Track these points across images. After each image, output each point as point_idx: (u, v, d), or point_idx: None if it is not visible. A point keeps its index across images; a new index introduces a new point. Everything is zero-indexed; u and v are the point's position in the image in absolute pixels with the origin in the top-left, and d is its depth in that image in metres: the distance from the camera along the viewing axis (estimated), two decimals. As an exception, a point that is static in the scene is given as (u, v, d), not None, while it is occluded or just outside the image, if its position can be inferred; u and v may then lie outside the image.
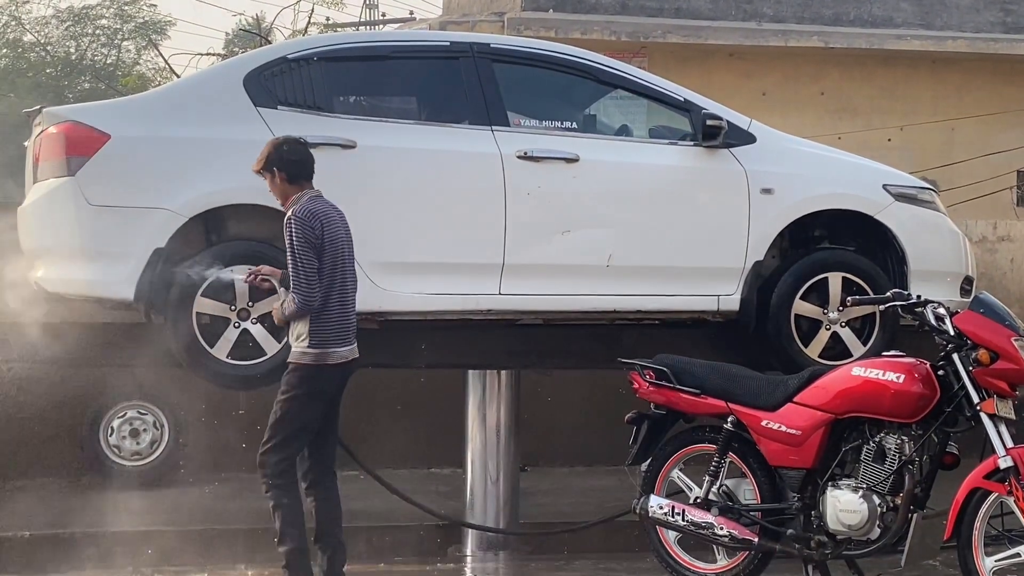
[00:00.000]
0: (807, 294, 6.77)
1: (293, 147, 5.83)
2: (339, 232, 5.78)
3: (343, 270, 5.78)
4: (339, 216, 5.82)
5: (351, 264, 5.84)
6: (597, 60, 6.94)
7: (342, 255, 5.77)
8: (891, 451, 5.46)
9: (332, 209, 5.81)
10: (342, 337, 5.79)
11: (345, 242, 5.80)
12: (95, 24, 33.36)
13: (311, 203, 5.75)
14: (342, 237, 5.79)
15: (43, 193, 6.39)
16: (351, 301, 5.84)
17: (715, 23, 16.85)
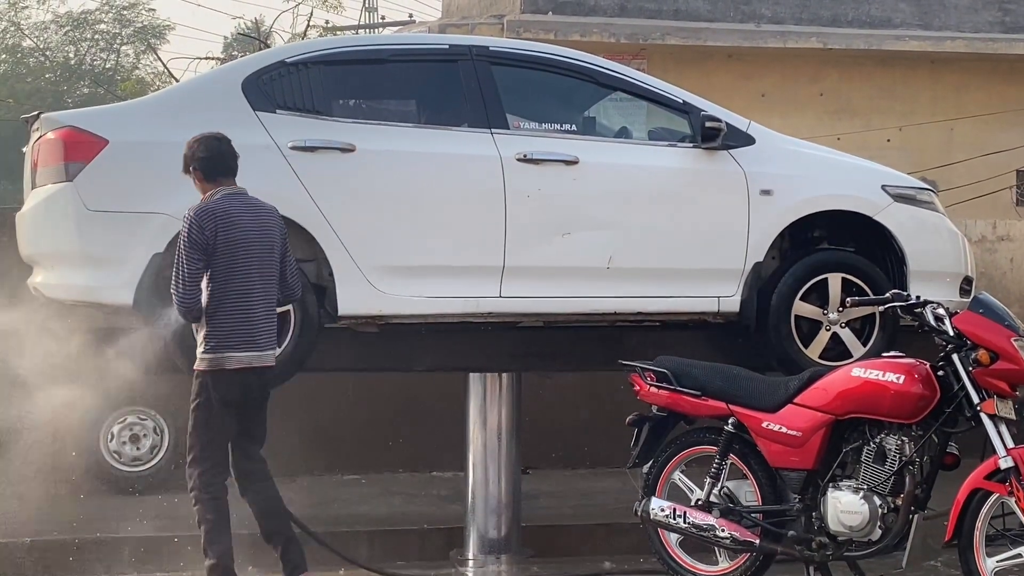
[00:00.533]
0: (807, 295, 6.77)
1: (206, 143, 5.71)
2: (240, 233, 5.59)
3: (244, 272, 5.59)
4: (250, 216, 5.64)
5: (261, 266, 5.63)
6: (596, 62, 6.95)
7: (243, 256, 5.58)
8: (892, 452, 5.46)
9: (242, 208, 5.63)
10: (241, 342, 5.60)
11: (250, 243, 5.60)
12: (94, 29, 33.39)
13: (214, 202, 5.61)
14: (245, 238, 5.59)
15: (41, 199, 6.39)
16: (258, 305, 5.63)
17: (714, 25, 16.87)
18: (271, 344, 5.75)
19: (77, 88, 32.72)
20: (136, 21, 33.62)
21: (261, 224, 5.69)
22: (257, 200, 5.77)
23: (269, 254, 5.69)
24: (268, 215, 5.76)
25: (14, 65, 32.38)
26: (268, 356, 5.73)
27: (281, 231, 5.81)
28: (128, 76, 32.50)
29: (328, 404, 9.35)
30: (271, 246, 5.70)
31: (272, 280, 5.72)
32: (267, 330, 5.71)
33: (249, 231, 5.64)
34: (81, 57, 33.54)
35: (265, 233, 5.69)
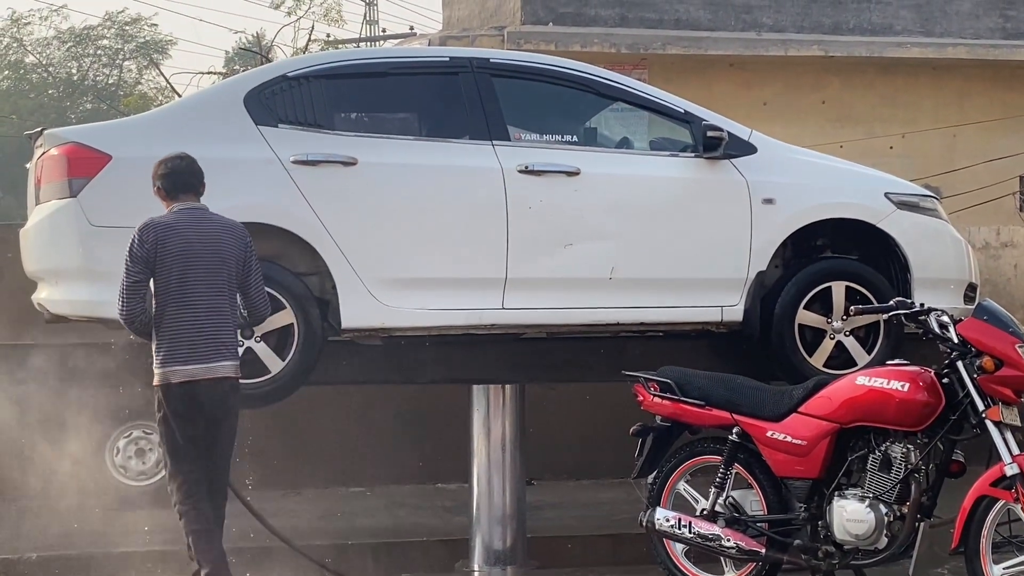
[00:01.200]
0: (811, 303, 6.76)
1: (168, 163, 5.74)
2: (183, 245, 5.58)
3: (186, 285, 5.57)
4: (199, 229, 5.63)
5: (208, 279, 5.60)
6: (597, 73, 6.95)
7: (185, 269, 5.56)
8: (897, 460, 5.45)
9: (192, 222, 5.63)
10: (185, 355, 5.57)
11: (193, 255, 5.58)
12: (96, 45, 33.51)
13: (164, 216, 5.65)
14: (188, 250, 5.58)
15: (45, 215, 6.40)
16: (203, 317, 5.59)
17: (715, 34, 16.89)
18: (222, 356, 5.63)
19: (80, 104, 32.82)
20: (138, 37, 33.74)
21: (212, 238, 5.64)
22: (217, 216, 5.74)
23: (218, 267, 5.62)
24: (224, 229, 5.69)
25: (17, 81, 32.50)
26: (218, 368, 5.62)
27: (243, 247, 5.72)
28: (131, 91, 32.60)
29: (332, 417, 9.34)
30: (221, 259, 5.63)
31: (222, 293, 5.65)
32: (215, 342, 5.62)
33: (193, 243, 5.60)
34: (84, 73, 33.64)
35: (213, 246, 5.63)
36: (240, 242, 5.74)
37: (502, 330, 6.71)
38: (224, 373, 5.65)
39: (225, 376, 5.65)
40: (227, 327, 5.70)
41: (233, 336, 5.74)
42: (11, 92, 31.76)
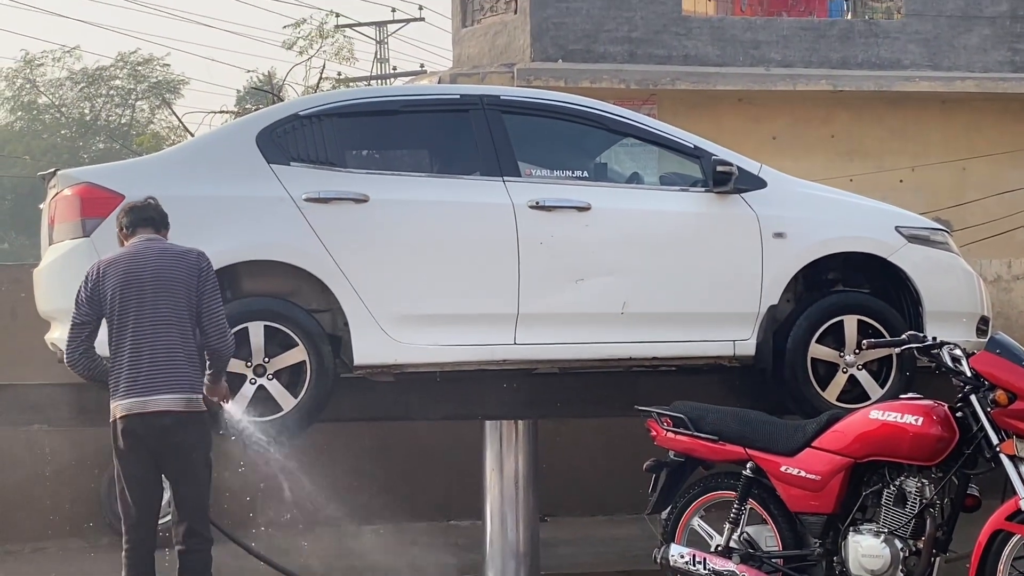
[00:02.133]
0: (823, 337, 6.75)
1: (129, 204, 5.70)
2: (122, 278, 5.43)
3: (129, 317, 5.40)
4: (146, 258, 5.47)
5: (152, 309, 5.40)
6: (606, 109, 6.98)
7: (125, 302, 5.41)
8: (912, 495, 5.42)
9: (139, 253, 5.49)
10: (125, 388, 5.39)
11: (133, 287, 5.41)
12: (109, 85, 33.73)
13: (112, 253, 5.57)
14: (128, 283, 5.42)
15: (59, 255, 6.43)
16: (142, 349, 5.38)
17: (723, 69, 16.95)
18: (168, 389, 5.39)
19: (93, 144, 33.00)
20: (151, 77, 33.95)
21: (156, 267, 5.46)
22: (169, 245, 5.60)
23: (163, 297, 5.42)
24: (173, 257, 5.51)
25: (30, 122, 32.70)
26: (155, 402, 5.38)
27: (194, 275, 5.49)
28: (143, 131, 32.78)
29: (344, 454, 9.33)
30: (166, 289, 5.43)
31: (167, 324, 5.42)
32: (156, 375, 5.38)
33: (135, 274, 5.44)
34: (96, 113, 33.84)
35: (157, 276, 5.44)
36: (191, 270, 5.50)
37: (514, 365, 6.71)
38: (163, 407, 5.37)
39: (165, 410, 5.38)
40: (173, 359, 5.42)
41: (182, 368, 5.44)
42: (24, 133, 31.95)
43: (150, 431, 5.41)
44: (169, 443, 5.44)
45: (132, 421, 5.42)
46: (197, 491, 5.56)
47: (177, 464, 5.50)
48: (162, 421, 5.40)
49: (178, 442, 5.45)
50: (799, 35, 17.51)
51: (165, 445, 5.44)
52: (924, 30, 17.49)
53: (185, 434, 5.47)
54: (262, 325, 6.21)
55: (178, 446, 5.46)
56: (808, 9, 18.67)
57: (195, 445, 5.52)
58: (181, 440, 5.46)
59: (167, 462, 5.49)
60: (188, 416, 5.46)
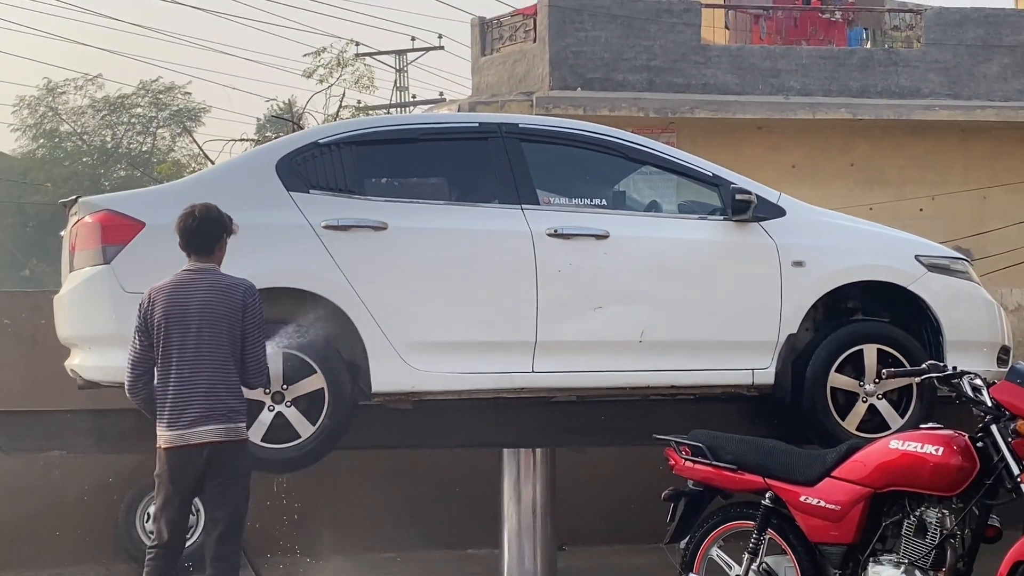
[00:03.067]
0: (842, 366, 6.73)
1: (179, 222, 5.71)
2: (171, 308, 5.53)
3: (174, 349, 5.51)
4: (193, 290, 5.55)
5: (194, 343, 5.51)
6: (625, 137, 6.99)
7: (171, 332, 5.52)
8: (932, 525, 5.37)
9: (187, 283, 5.57)
10: (165, 420, 5.54)
11: (180, 319, 5.51)
12: (131, 113, 33.93)
13: (166, 280, 5.63)
14: (175, 313, 5.52)
15: (79, 282, 6.46)
16: (184, 381, 5.51)
17: (742, 97, 16.98)
18: (208, 421, 5.51)
19: (114, 171, 33.18)
20: (172, 104, 34.15)
21: (203, 299, 5.54)
22: (219, 277, 5.64)
23: (206, 330, 5.52)
24: (220, 291, 5.57)
25: (52, 149, 32.92)
26: (202, 433, 5.51)
27: (239, 309, 5.57)
28: (164, 158, 32.95)
29: (361, 481, 9.33)
30: (209, 322, 5.52)
31: (211, 356, 5.53)
32: (198, 408, 5.50)
33: (182, 306, 5.53)
34: (118, 140, 34.06)
35: (203, 308, 5.53)
36: (236, 304, 5.58)
37: (532, 394, 6.70)
38: (204, 439, 5.51)
39: (206, 441, 5.51)
40: (214, 391, 5.53)
41: (223, 399, 5.55)
42: (46, 160, 32.16)
43: (192, 463, 5.56)
44: (210, 472, 5.58)
45: (175, 454, 5.56)
46: (231, 517, 5.65)
47: (216, 491, 5.62)
48: (203, 453, 5.54)
49: (218, 471, 5.58)
50: (818, 64, 17.54)
51: (207, 474, 5.58)
52: (944, 59, 17.49)
53: (225, 463, 5.59)
54: (281, 352, 6.23)
55: (218, 474, 5.59)
56: (827, 38, 18.71)
57: (235, 473, 5.64)
58: (220, 469, 5.59)
59: (206, 488, 5.63)
60: (228, 445, 5.58)
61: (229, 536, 5.63)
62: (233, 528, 5.64)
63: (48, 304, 6.96)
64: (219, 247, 5.73)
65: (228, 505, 5.61)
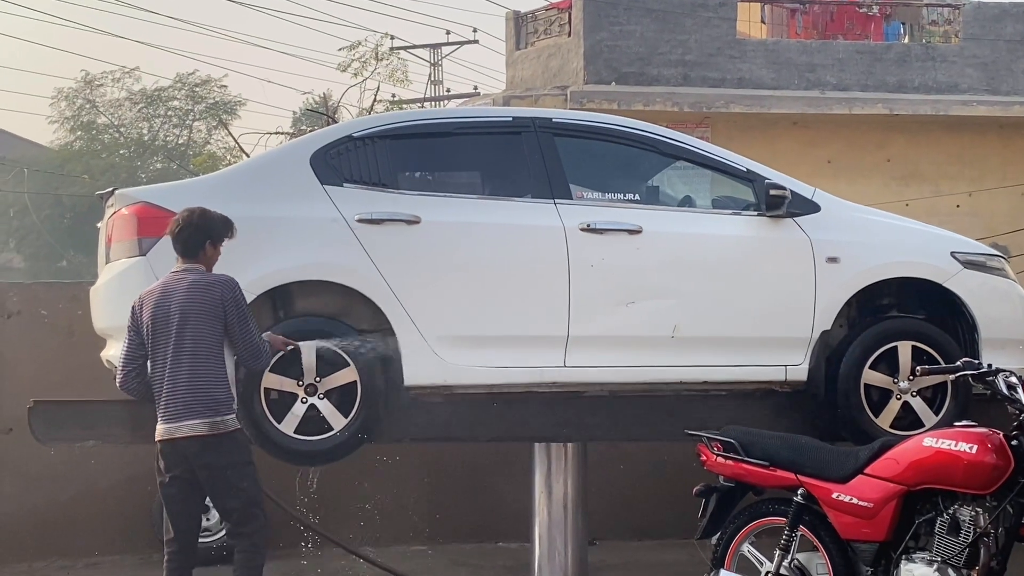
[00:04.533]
0: (877, 363, 6.69)
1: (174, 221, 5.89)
2: (155, 310, 5.74)
3: (157, 345, 5.73)
4: (176, 289, 5.74)
5: (178, 341, 5.69)
6: (658, 132, 6.97)
7: (157, 329, 5.72)
8: (965, 523, 5.34)
9: (172, 283, 5.76)
10: (162, 416, 5.75)
11: (164, 319, 5.71)
12: (167, 106, 34.12)
13: (154, 283, 5.85)
14: (160, 315, 5.72)
15: (115, 273, 6.51)
16: (170, 377, 5.69)
17: (778, 92, 16.89)
18: (192, 415, 5.68)
19: (150, 163, 33.39)
20: (208, 98, 34.32)
21: (187, 297, 5.72)
22: (199, 277, 5.80)
23: (189, 328, 5.69)
24: (202, 288, 5.74)
25: (89, 142, 33.15)
26: (187, 427, 5.68)
27: (222, 306, 5.73)
28: (200, 151, 33.13)
29: (394, 474, 9.36)
30: (190, 321, 5.69)
31: (195, 354, 5.69)
32: (182, 403, 5.68)
33: (166, 307, 5.74)
34: (155, 133, 34.26)
35: (185, 308, 5.71)
36: (216, 300, 5.73)
37: (564, 388, 6.70)
38: (189, 432, 5.68)
39: (191, 435, 5.68)
40: (198, 386, 5.69)
41: (208, 393, 5.70)
42: (84, 152, 32.39)
43: (180, 456, 5.75)
44: (200, 465, 5.74)
45: (165, 447, 5.78)
46: (240, 502, 5.80)
47: (212, 483, 5.78)
48: (190, 446, 5.72)
49: (207, 463, 5.74)
50: (855, 58, 17.43)
51: (197, 467, 5.74)
52: (982, 54, 17.34)
53: (212, 456, 5.74)
54: (314, 345, 6.26)
55: (209, 467, 5.74)
56: (864, 33, 18.59)
57: (226, 464, 5.77)
58: (209, 461, 5.74)
59: (204, 482, 5.79)
60: (214, 439, 5.73)
61: (244, 520, 5.80)
62: (246, 512, 5.81)
63: (85, 295, 7.02)
64: (204, 252, 5.90)
65: (231, 493, 5.78)
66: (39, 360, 9.28)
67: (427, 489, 9.55)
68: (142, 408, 6.89)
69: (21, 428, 7.51)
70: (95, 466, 9.14)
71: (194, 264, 5.85)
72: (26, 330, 9.39)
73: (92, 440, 7.18)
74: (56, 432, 7.02)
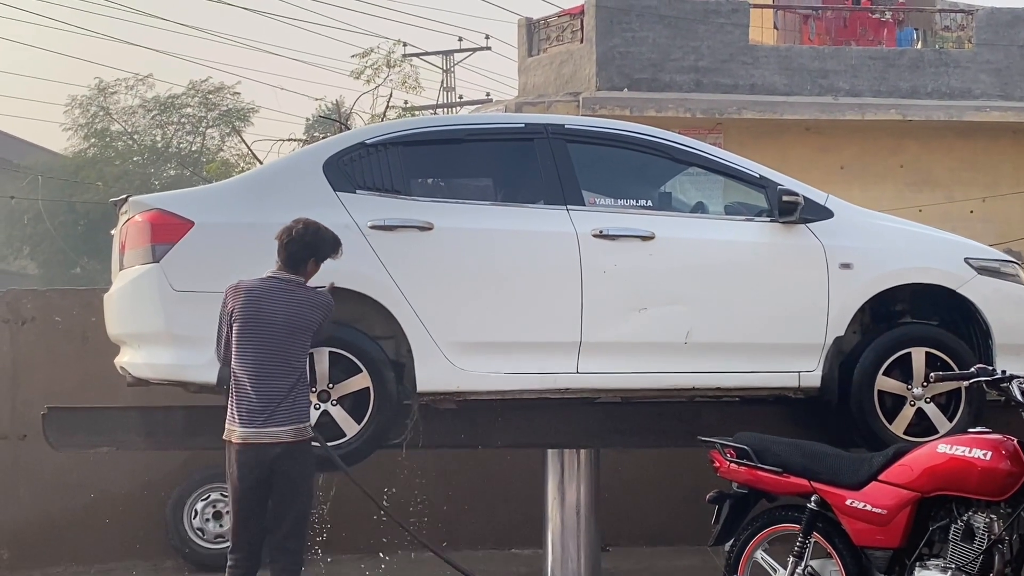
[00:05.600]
0: (890, 370, 6.68)
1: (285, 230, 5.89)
2: (252, 309, 5.71)
3: (244, 348, 5.70)
4: (271, 296, 5.73)
5: (267, 345, 5.69)
6: (671, 138, 6.97)
7: (246, 332, 5.70)
8: (980, 530, 5.32)
9: (267, 289, 5.76)
10: (239, 417, 5.70)
11: (257, 320, 5.69)
12: (181, 113, 34.17)
13: (252, 280, 5.81)
14: (254, 315, 5.70)
15: (129, 280, 6.53)
16: (255, 382, 5.68)
17: (790, 98, 16.88)
18: (280, 421, 5.68)
19: (164, 170, 33.45)
20: (221, 105, 34.38)
21: (281, 305, 5.72)
22: (308, 292, 5.82)
23: (286, 339, 5.70)
24: (298, 303, 5.76)
25: (103, 149, 33.22)
26: (273, 433, 5.68)
27: (318, 325, 5.80)
28: (213, 158, 33.17)
29: (407, 480, 9.36)
30: (290, 332, 5.71)
31: (287, 363, 5.71)
32: (267, 408, 5.68)
33: (267, 312, 5.71)
34: (168, 140, 34.33)
35: (287, 319, 5.71)
36: (317, 320, 5.81)
37: (577, 394, 6.69)
38: (275, 438, 5.68)
39: (274, 441, 5.68)
40: (287, 393, 5.70)
41: (292, 402, 5.72)
42: (97, 159, 32.45)
43: (263, 460, 5.71)
44: (278, 471, 5.72)
45: (247, 450, 5.71)
46: (296, 515, 5.81)
47: (283, 490, 5.76)
48: (274, 451, 5.69)
49: (286, 470, 5.73)
50: (868, 64, 17.41)
51: (275, 472, 5.72)
52: (995, 60, 17.31)
53: (293, 462, 5.75)
54: (327, 351, 6.27)
55: (286, 473, 5.73)
56: (877, 39, 18.56)
57: (302, 473, 5.80)
58: (289, 468, 5.73)
59: (275, 488, 5.76)
60: (297, 445, 5.74)
61: (295, 532, 5.81)
62: (299, 525, 5.83)
63: (98, 302, 7.04)
64: (307, 267, 5.89)
65: (295, 504, 5.78)
66: (53, 367, 9.31)
67: (440, 495, 9.54)
68: (155, 415, 6.92)
69: (35, 434, 7.55)
70: (109, 472, 9.15)
71: (295, 276, 5.84)
72: (40, 337, 9.42)
73: (106, 447, 7.20)
74: (70, 439, 7.04)
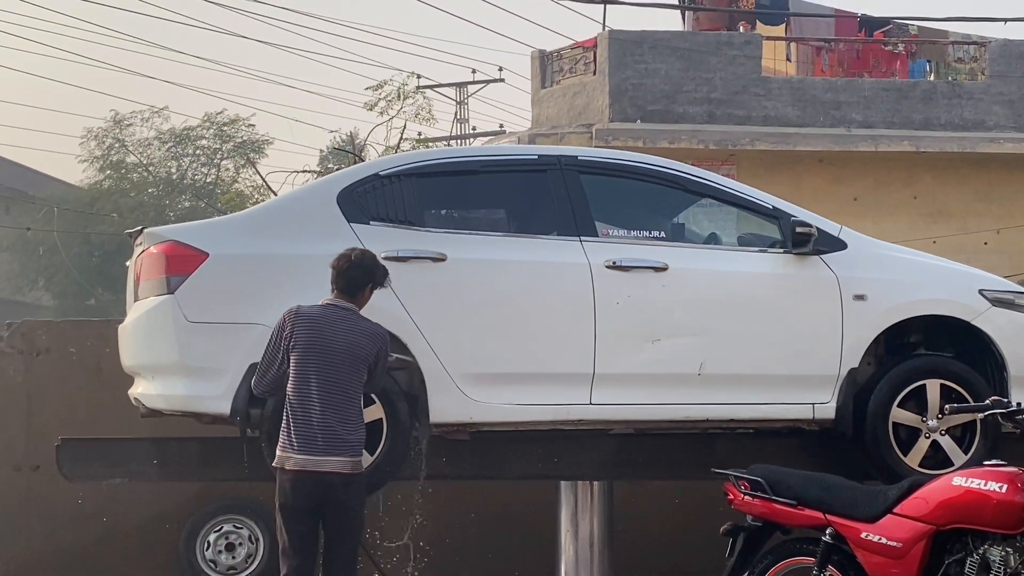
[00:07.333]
0: (905, 402, 6.65)
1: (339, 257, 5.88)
2: (312, 337, 5.68)
3: (306, 375, 5.65)
4: (333, 325, 5.71)
5: (328, 373, 5.66)
6: (684, 170, 6.98)
7: (307, 360, 5.66)
8: (996, 563, 5.29)
9: (327, 317, 5.74)
10: (298, 444, 5.64)
11: (318, 348, 5.67)
12: (196, 145, 34.36)
13: (312, 307, 5.80)
14: (316, 343, 5.67)
15: (143, 311, 6.55)
16: (314, 410, 5.64)
17: (803, 130, 16.90)
18: (339, 451, 5.65)
19: (179, 202, 33.61)
20: (236, 136, 34.55)
21: (349, 339, 5.71)
22: (367, 323, 5.81)
23: (347, 368, 5.69)
24: (363, 334, 5.76)
25: (118, 180, 33.40)
26: (333, 463, 5.64)
27: (375, 352, 5.78)
28: (228, 190, 33.33)
29: (419, 512, 9.33)
30: (351, 362, 5.69)
31: (346, 392, 5.69)
32: (332, 437, 5.64)
33: (329, 340, 5.68)
34: (183, 172, 34.51)
35: (348, 348, 5.69)
36: (376, 351, 5.80)
37: (590, 426, 6.68)
38: (334, 468, 5.64)
39: (333, 471, 5.64)
40: (345, 423, 5.69)
41: (351, 433, 5.71)
42: (112, 191, 32.64)
43: (319, 489, 5.67)
44: (333, 500, 5.69)
45: (303, 478, 5.66)
46: (349, 548, 5.80)
47: (337, 522, 5.74)
48: (331, 480, 5.65)
49: (342, 500, 5.70)
50: (881, 96, 17.43)
51: (329, 502, 5.69)
52: (1008, 91, 17.31)
53: (346, 494, 5.72)
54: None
55: (340, 504, 5.71)
56: (890, 70, 18.60)
57: (355, 506, 5.78)
58: (345, 499, 5.71)
59: (328, 519, 5.73)
60: (353, 477, 5.72)
61: (349, 562, 5.80)
62: (353, 554, 5.83)
63: (113, 333, 7.06)
64: (362, 294, 5.89)
65: (348, 537, 5.77)
66: (67, 398, 9.32)
67: (453, 527, 9.51)
68: (169, 446, 6.93)
69: (49, 465, 7.55)
70: (122, 504, 9.15)
71: (351, 303, 5.83)
72: (54, 368, 9.44)
73: (119, 478, 7.20)
74: (84, 470, 7.05)
